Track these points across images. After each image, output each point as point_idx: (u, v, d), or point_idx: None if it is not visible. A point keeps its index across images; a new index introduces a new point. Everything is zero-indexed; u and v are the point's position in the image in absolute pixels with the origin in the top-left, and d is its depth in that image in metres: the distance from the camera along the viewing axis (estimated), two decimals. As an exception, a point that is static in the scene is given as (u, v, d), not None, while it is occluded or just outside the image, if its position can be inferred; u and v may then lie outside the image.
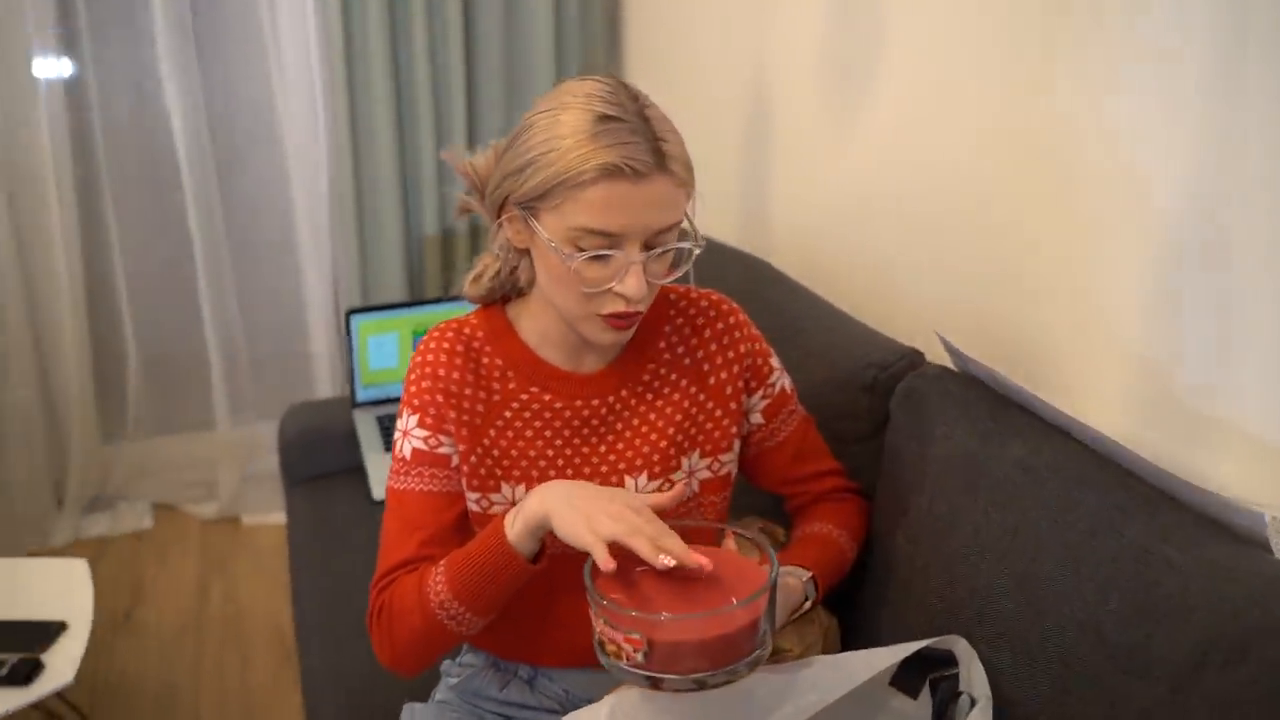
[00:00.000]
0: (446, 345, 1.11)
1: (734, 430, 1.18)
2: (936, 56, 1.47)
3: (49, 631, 1.63)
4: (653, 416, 1.14)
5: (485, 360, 1.12)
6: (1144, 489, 0.97)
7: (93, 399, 2.77)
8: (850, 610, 1.22)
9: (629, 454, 1.13)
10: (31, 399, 2.63)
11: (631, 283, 0.98)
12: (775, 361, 1.21)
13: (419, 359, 1.12)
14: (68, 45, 2.55)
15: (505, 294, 1.16)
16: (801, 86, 1.87)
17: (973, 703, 0.95)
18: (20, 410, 2.62)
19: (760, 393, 1.19)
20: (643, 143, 0.95)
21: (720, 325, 1.17)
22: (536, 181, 0.97)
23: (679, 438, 1.14)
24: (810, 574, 1.11)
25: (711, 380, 1.15)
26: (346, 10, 2.48)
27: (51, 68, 2.48)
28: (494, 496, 1.11)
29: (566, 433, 1.11)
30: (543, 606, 1.14)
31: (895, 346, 1.33)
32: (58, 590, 1.75)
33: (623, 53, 2.81)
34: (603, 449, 1.12)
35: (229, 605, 2.48)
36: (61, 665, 1.56)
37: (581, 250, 0.97)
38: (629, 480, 1.13)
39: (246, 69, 2.72)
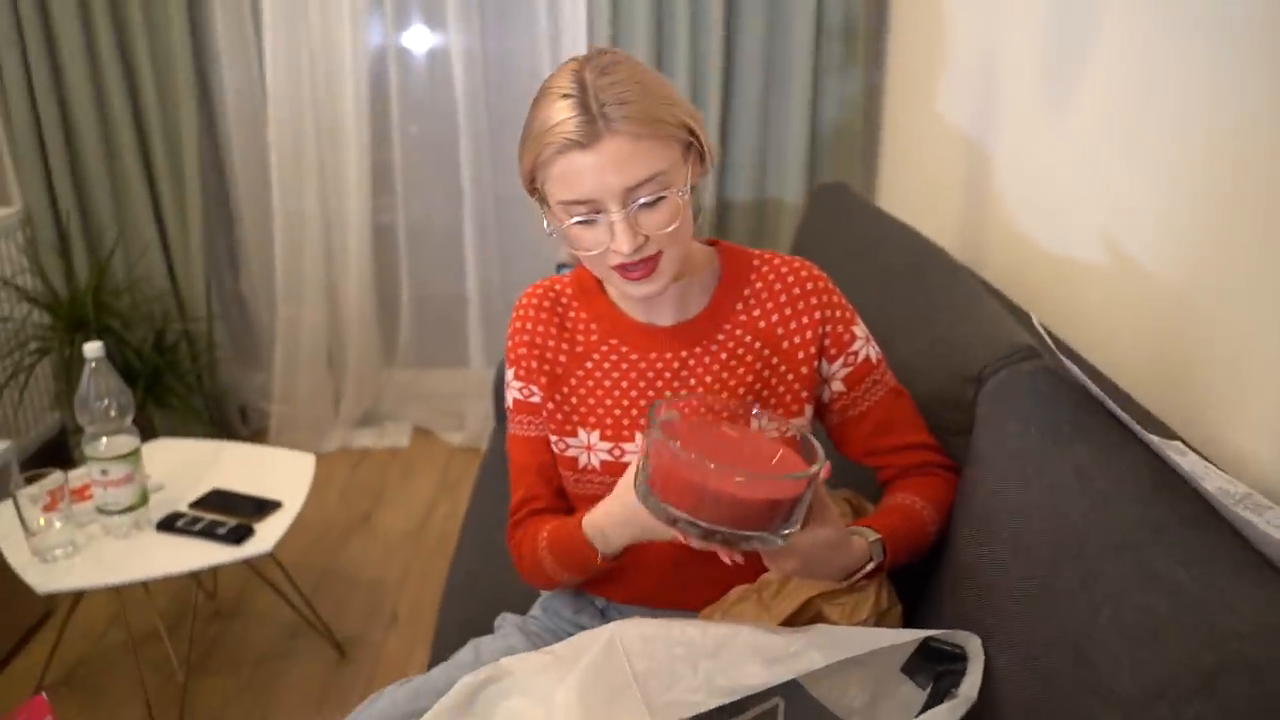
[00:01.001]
0: (535, 302, 1.22)
1: (805, 395, 1.18)
2: (1142, 60, 1.38)
3: (267, 508, 1.92)
4: (725, 375, 1.17)
5: (572, 315, 1.21)
6: (1193, 510, 0.88)
7: (373, 328, 3.16)
8: (912, 597, 1.20)
9: None
10: (320, 322, 3.06)
11: (618, 236, 1.03)
12: (860, 330, 1.20)
13: (514, 315, 1.23)
14: (376, 20, 2.91)
15: None
16: (1019, 81, 1.79)
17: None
18: (310, 330, 3.06)
19: (841, 360, 1.18)
20: (585, 113, 0.99)
21: (797, 291, 1.17)
22: (524, 167, 1.07)
23: (749, 398, 1.17)
24: (879, 536, 1.10)
25: (785, 345, 1.17)
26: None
27: (360, 39, 2.84)
28: (570, 440, 1.20)
29: (641, 384, 1.18)
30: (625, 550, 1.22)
31: (1016, 342, 1.26)
32: (286, 477, 2.04)
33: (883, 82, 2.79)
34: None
35: (450, 522, 2.76)
36: (267, 536, 1.84)
37: (572, 217, 1.04)
38: None
39: (522, 44, 2.97)
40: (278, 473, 2.07)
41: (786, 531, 0.95)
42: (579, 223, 1.04)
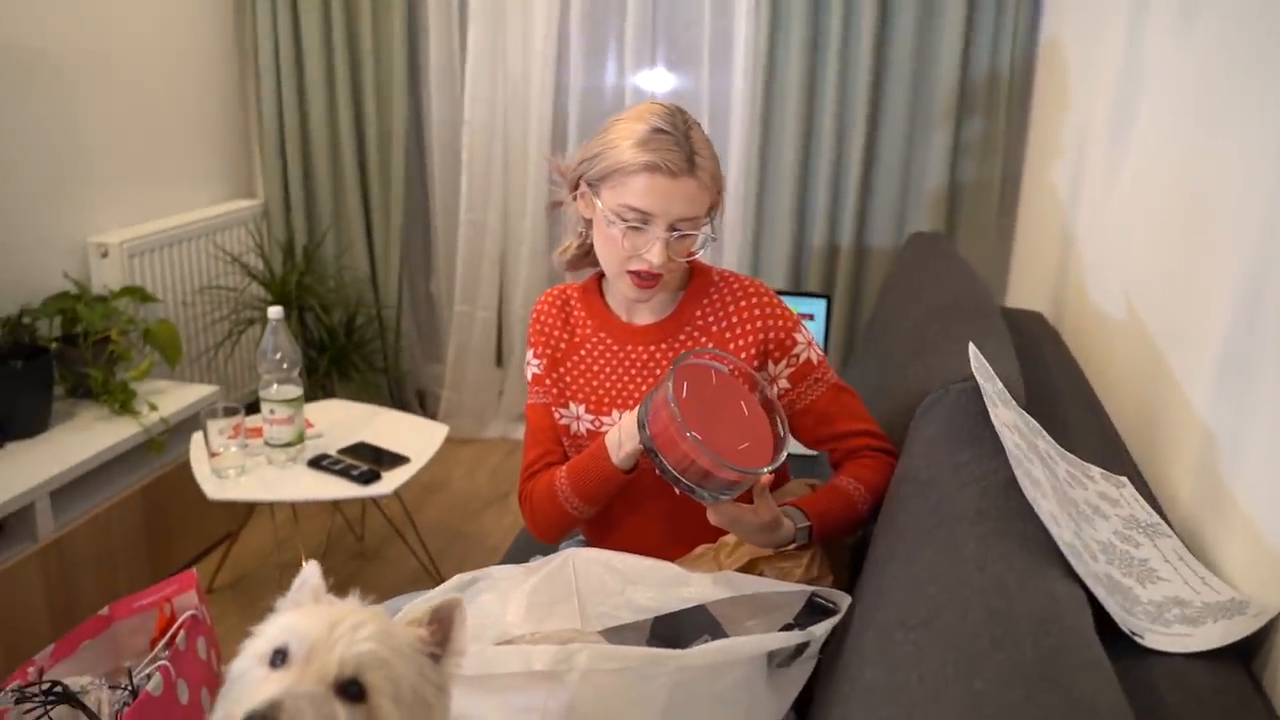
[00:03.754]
0: (550, 299, 1.52)
1: None
2: (1146, 155, 1.54)
3: (397, 461, 2.30)
4: None
5: (575, 311, 1.49)
6: (1014, 504, 1.05)
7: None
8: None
9: None
10: (490, 321, 3.48)
11: (654, 250, 1.30)
12: (801, 336, 1.41)
13: (534, 309, 1.53)
14: (563, 64, 3.30)
15: (583, 263, 1.50)
16: (1095, 158, 1.95)
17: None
18: (482, 329, 3.48)
19: (784, 362, 1.40)
20: (681, 152, 1.28)
21: (744, 303, 1.41)
22: (602, 166, 1.32)
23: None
24: (808, 524, 1.31)
25: (731, 345, 1.40)
26: (772, 41, 2.96)
27: (547, 81, 3.24)
28: (563, 410, 1.48)
29: (620, 370, 1.45)
30: (614, 516, 1.49)
31: (968, 370, 1.43)
32: (421, 439, 2.42)
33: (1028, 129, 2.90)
34: (645, 386, 1.43)
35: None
36: (391, 481, 2.22)
37: (625, 221, 1.30)
38: None
39: (688, 86, 3.27)
40: (415, 436, 2.45)
41: (720, 496, 1.19)
42: (630, 227, 1.31)
